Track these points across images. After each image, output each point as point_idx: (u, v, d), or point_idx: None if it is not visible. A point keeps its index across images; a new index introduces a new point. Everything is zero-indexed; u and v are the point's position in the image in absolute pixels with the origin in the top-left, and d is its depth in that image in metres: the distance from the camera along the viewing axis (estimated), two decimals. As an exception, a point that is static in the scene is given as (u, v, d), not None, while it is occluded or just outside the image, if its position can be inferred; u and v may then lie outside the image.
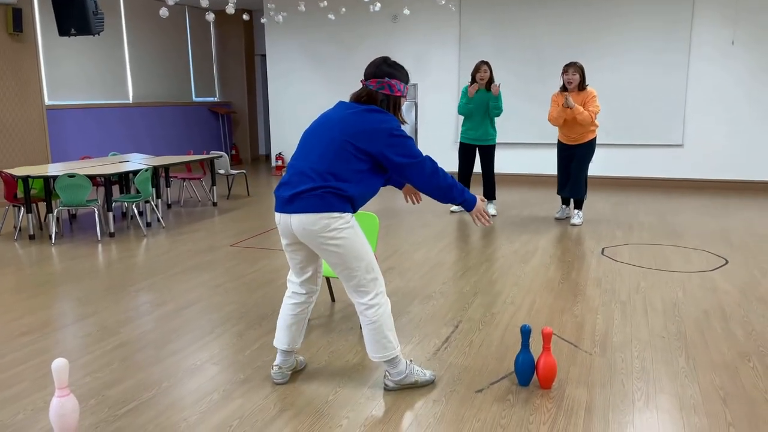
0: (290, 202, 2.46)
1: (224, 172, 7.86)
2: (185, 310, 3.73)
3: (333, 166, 2.44)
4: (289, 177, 2.51)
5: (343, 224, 2.44)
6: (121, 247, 5.37)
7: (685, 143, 8.46)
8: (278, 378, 2.75)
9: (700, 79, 8.26)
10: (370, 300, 2.53)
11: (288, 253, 2.66)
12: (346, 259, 2.47)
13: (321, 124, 2.57)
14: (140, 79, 10.24)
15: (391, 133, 2.47)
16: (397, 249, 5.20)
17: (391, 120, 2.51)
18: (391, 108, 2.59)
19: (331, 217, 2.42)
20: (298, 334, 2.75)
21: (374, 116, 2.49)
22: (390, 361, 2.60)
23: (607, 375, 2.82)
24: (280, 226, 2.58)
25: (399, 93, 2.60)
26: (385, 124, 2.48)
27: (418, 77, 9.56)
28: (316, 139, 2.52)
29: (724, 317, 3.55)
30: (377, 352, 2.57)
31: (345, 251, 2.46)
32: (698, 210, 6.82)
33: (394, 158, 2.48)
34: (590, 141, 6.04)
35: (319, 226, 2.42)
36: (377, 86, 2.56)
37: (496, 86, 6.25)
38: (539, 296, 3.94)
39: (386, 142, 2.46)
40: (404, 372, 2.64)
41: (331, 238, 2.44)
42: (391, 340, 2.57)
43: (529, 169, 9.24)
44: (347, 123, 2.48)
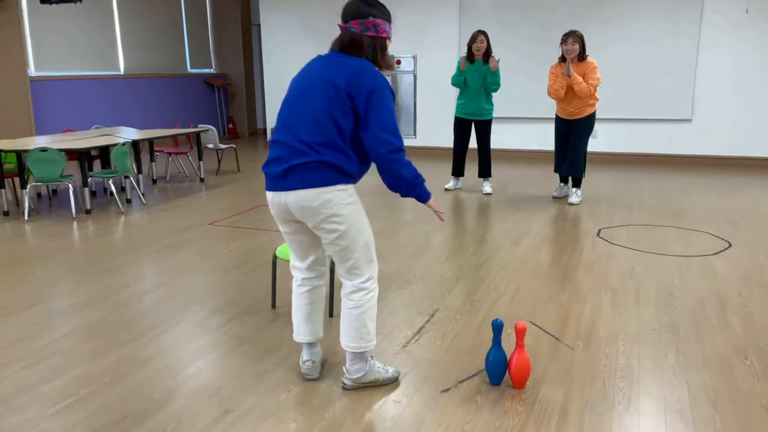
0: (284, 177, 2.23)
1: (213, 147, 7.62)
2: (148, 295, 3.52)
3: (326, 135, 2.19)
4: (279, 152, 2.25)
5: (346, 198, 2.24)
6: (96, 224, 5.17)
7: (693, 118, 8.09)
8: (312, 373, 2.51)
9: (712, 50, 7.85)
10: (362, 283, 2.35)
11: (287, 236, 2.43)
12: (345, 238, 2.27)
13: (304, 87, 2.27)
14: (132, 50, 9.95)
15: (382, 95, 2.20)
16: (383, 229, 4.95)
17: (384, 80, 2.24)
18: (378, 52, 2.31)
19: (334, 191, 2.21)
20: (320, 321, 2.53)
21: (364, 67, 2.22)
22: (359, 354, 2.40)
23: (588, 373, 2.59)
24: (273, 207, 2.33)
25: (384, 34, 2.32)
26: (378, 83, 2.21)
27: (417, 49, 9.20)
28: (301, 107, 2.24)
29: (722, 307, 3.29)
30: (353, 341, 2.37)
31: (346, 228, 2.26)
32: (704, 188, 6.50)
33: (373, 124, 2.19)
34: (590, 115, 5.72)
35: (320, 201, 2.20)
36: (361, 27, 2.27)
37: (495, 61, 5.92)
38: (525, 282, 3.70)
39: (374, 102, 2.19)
40: (364, 370, 2.43)
41: (333, 215, 2.22)
42: (370, 332, 2.38)
43: (527, 145, 8.91)
44: (334, 79, 2.20)
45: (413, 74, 9.29)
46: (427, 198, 2.36)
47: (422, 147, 9.43)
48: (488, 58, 6.00)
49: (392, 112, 2.23)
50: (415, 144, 9.48)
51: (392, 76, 9.37)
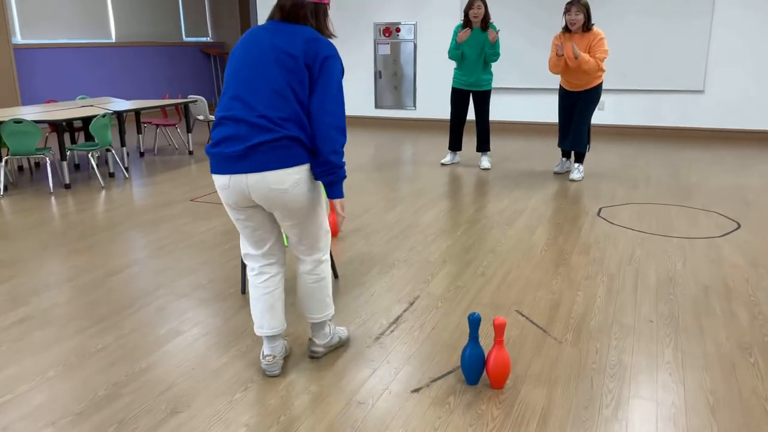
0: (244, 157, 2.01)
1: (203, 118, 7.36)
2: (113, 277, 3.32)
3: (288, 108, 2.02)
4: (234, 129, 2.02)
5: (310, 177, 2.13)
6: (74, 200, 4.96)
7: (706, 89, 7.71)
8: (273, 370, 2.32)
9: (726, 17, 7.42)
10: (323, 255, 2.35)
11: (240, 223, 2.21)
12: (309, 219, 2.19)
13: (253, 58, 2.06)
14: (124, 17, 9.63)
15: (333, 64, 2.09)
16: (371, 207, 4.71)
17: (335, 49, 2.12)
18: (321, 18, 2.17)
19: (302, 171, 2.07)
20: (282, 311, 2.34)
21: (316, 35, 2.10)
22: (323, 323, 2.43)
23: (575, 370, 2.36)
24: (228, 192, 2.09)
25: (326, 0, 2.18)
26: (332, 50, 2.10)
27: (417, 17, 8.82)
28: (255, 78, 2.03)
29: (727, 295, 3.04)
30: (320, 311, 2.39)
31: (311, 209, 2.17)
32: (715, 163, 6.19)
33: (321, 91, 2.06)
34: (595, 87, 5.39)
35: (290, 183, 2.05)
36: None
37: (494, 34, 5.57)
38: (515, 266, 3.46)
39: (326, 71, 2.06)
40: (329, 334, 2.47)
41: (300, 194, 2.09)
42: (331, 297, 2.43)
43: (529, 117, 8.57)
44: (288, 48, 2.03)
45: (413, 43, 8.92)
46: (339, 193, 2.15)
47: (422, 119, 9.12)
48: (487, 25, 5.66)
49: (341, 83, 2.12)
50: (414, 116, 9.17)
51: (392, 44, 9.01)
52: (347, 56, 9.27)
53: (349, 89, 9.43)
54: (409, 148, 7.29)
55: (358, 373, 2.35)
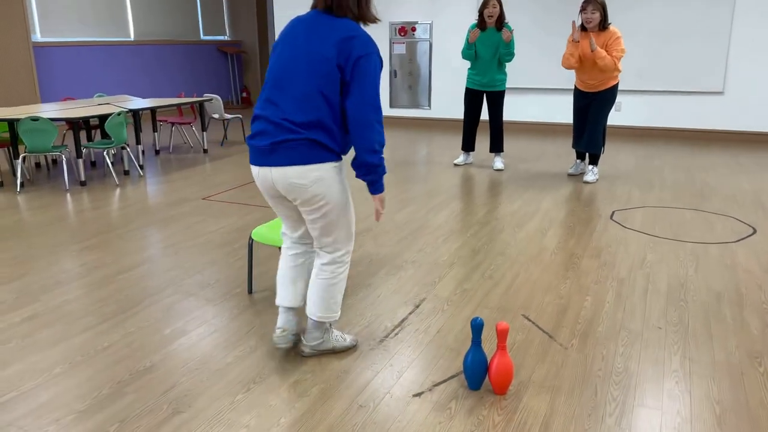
0: (271, 152, 2.13)
1: (218, 117, 7.40)
2: (122, 275, 3.35)
3: (314, 114, 2.08)
4: (264, 126, 2.14)
5: (335, 175, 2.18)
6: (89, 197, 5.02)
7: (726, 90, 7.58)
8: (282, 342, 2.41)
9: (748, 15, 7.29)
10: (340, 257, 2.34)
11: (275, 208, 2.37)
12: (331, 216, 2.22)
13: (289, 62, 2.12)
14: (142, 15, 9.73)
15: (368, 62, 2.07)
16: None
17: (373, 45, 2.10)
18: (363, 5, 2.15)
19: (323, 169, 2.13)
20: (302, 289, 2.46)
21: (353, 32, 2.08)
22: (320, 324, 2.41)
23: (580, 377, 2.33)
24: (259, 182, 2.25)
25: None
26: (368, 48, 2.08)
27: (433, 15, 8.78)
28: (288, 84, 2.11)
29: (739, 303, 2.99)
30: (321, 311, 2.37)
31: (333, 206, 2.20)
32: (733, 167, 6.08)
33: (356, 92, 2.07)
34: (611, 88, 5.32)
35: (310, 179, 2.12)
36: None
37: (509, 33, 5.52)
38: (524, 269, 3.43)
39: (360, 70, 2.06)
40: (321, 338, 2.44)
41: (322, 193, 2.15)
42: (338, 303, 2.40)
43: (544, 118, 8.49)
44: (322, 50, 2.06)
45: (429, 42, 8.89)
46: (379, 189, 2.23)
47: (437, 119, 9.09)
48: (501, 24, 5.62)
49: (376, 81, 2.10)
50: (429, 115, 9.14)
51: (407, 43, 8.99)
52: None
53: (364, 88, 9.42)
54: (423, 147, 7.27)
55: (360, 375, 2.34)
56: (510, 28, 5.58)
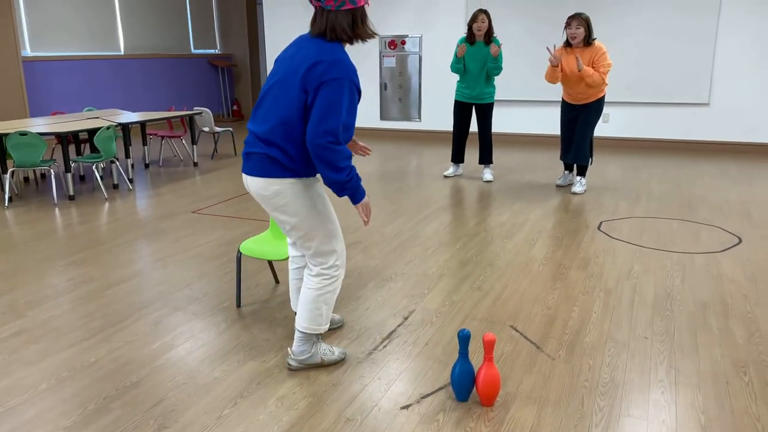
0: (246, 161, 2.28)
1: (209, 130, 7.41)
2: (109, 290, 3.34)
3: (275, 133, 2.17)
4: (247, 136, 2.31)
5: (295, 191, 2.23)
6: (77, 212, 5.00)
7: (711, 102, 7.68)
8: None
9: (732, 28, 7.40)
10: (323, 269, 2.37)
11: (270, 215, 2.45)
12: (299, 230, 2.29)
13: (275, 79, 2.22)
14: (132, 29, 9.75)
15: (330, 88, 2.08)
16: (372, 219, 4.72)
17: (343, 71, 2.10)
18: (359, 25, 2.18)
19: (283, 183, 2.22)
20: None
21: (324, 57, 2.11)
22: (306, 336, 2.42)
23: (567, 388, 2.34)
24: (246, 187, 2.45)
25: (362, 2, 2.17)
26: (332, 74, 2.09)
27: (422, 29, 8.86)
28: (266, 99, 2.22)
29: (724, 312, 3.01)
30: (305, 321, 2.39)
31: (298, 221, 2.27)
32: (719, 177, 6.15)
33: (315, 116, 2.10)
34: (598, 100, 5.38)
35: (270, 191, 2.23)
36: (336, 5, 2.12)
37: (497, 48, 5.58)
38: (513, 280, 3.44)
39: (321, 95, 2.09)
40: (309, 351, 2.45)
41: (283, 206, 2.24)
42: (323, 315, 2.40)
43: (532, 129, 8.56)
44: (298, 71, 2.13)
45: (419, 55, 8.96)
46: (358, 198, 2.26)
47: (427, 131, 9.14)
48: (490, 39, 5.68)
49: (337, 107, 2.09)
50: (419, 128, 9.19)
51: (397, 57, 9.06)
52: (352, 68, 9.31)
53: (355, 101, 9.47)
54: (413, 159, 7.30)
55: (348, 388, 2.34)
56: (498, 42, 5.64)
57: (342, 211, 4.88)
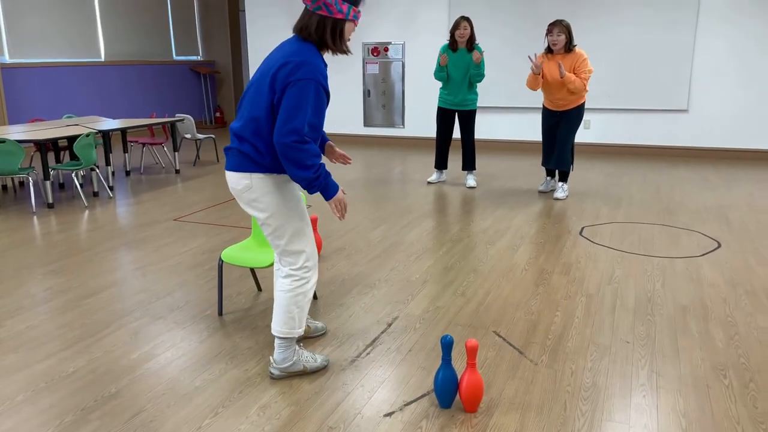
0: (226, 156, 2.35)
1: (191, 137, 7.36)
2: (88, 299, 3.29)
3: (246, 128, 2.24)
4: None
5: (264, 186, 2.27)
6: (57, 220, 4.93)
7: (690, 108, 7.79)
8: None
9: (710, 37, 7.53)
10: (293, 269, 2.38)
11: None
12: (269, 225, 2.33)
13: (254, 78, 2.28)
14: (113, 36, 9.67)
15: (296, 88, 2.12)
16: (356, 226, 4.71)
17: (309, 72, 2.14)
18: (328, 34, 2.23)
19: (253, 178, 2.27)
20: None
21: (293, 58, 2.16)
22: (285, 342, 2.41)
23: (550, 393, 2.35)
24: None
25: (340, 15, 2.21)
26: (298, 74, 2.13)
27: (405, 36, 8.90)
28: (245, 97, 2.29)
29: (704, 316, 3.04)
30: (278, 324, 2.39)
31: (268, 216, 2.31)
32: (698, 182, 6.23)
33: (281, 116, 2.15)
34: (578, 106, 5.44)
35: (241, 186, 2.29)
36: (313, 5, 2.22)
37: (479, 55, 5.62)
38: (496, 286, 3.45)
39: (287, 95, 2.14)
40: (291, 359, 2.43)
41: (253, 200, 2.29)
42: (295, 319, 2.39)
43: (515, 136, 8.62)
44: (270, 71, 2.19)
45: (402, 62, 8.99)
46: (329, 195, 2.30)
47: (411, 137, 9.16)
48: (472, 46, 5.72)
49: (302, 107, 2.13)
50: (403, 134, 9.21)
51: (381, 63, 9.08)
52: (336, 75, 9.33)
53: (338, 108, 9.48)
54: (397, 166, 7.31)
55: (331, 397, 2.33)
56: (480, 49, 5.67)
57: (325, 218, 4.87)
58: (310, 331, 2.81)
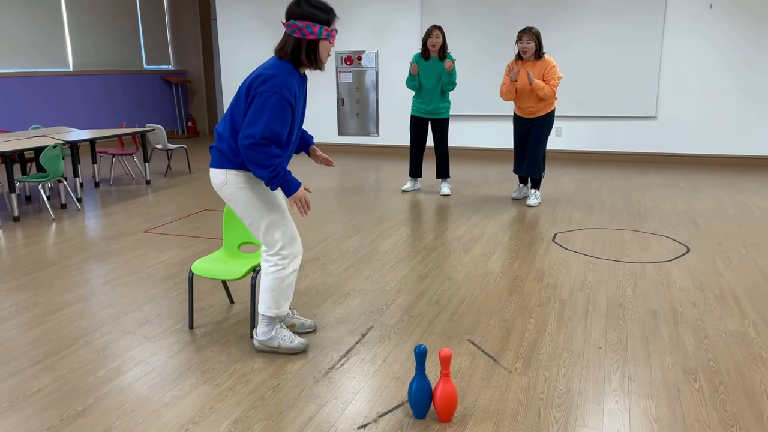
0: (210, 154, 2.59)
1: (162, 147, 7.26)
2: (55, 315, 3.20)
3: (225, 129, 2.50)
4: None
5: (237, 182, 2.51)
6: (23, 233, 4.81)
7: (658, 115, 7.95)
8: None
9: (676, 46, 7.71)
10: (269, 255, 2.62)
11: None
12: (246, 217, 2.57)
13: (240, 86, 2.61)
14: (82, 45, 9.51)
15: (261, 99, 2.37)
16: (330, 235, 4.68)
17: (275, 85, 2.37)
18: (303, 54, 2.48)
19: (228, 174, 2.51)
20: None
21: (264, 72, 2.41)
22: (266, 318, 2.68)
23: (523, 401, 2.35)
24: None
25: (312, 36, 2.46)
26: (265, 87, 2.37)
27: (378, 45, 8.92)
28: (233, 99, 2.54)
29: (674, 320, 3.09)
30: (261, 303, 2.67)
31: (242, 210, 2.55)
32: (667, 188, 6.35)
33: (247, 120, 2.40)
34: (548, 114, 5.50)
35: (218, 180, 2.54)
36: (288, 29, 2.47)
37: (450, 63, 5.65)
38: (470, 294, 3.46)
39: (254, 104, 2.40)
40: (268, 334, 2.70)
41: (230, 194, 2.53)
42: (270, 300, 2.63)
43: (488, 143, 8.69)
44: (249, 77, 2.46)
45: (375, 71, 9.01)
46: (289, 192, 2.48)
47: (385, 145, 9.17)
48: (444, 54, 5.75)
49: (262, 114, 2.35)
50: (377, 142, 9.22)
51: (354, 72, 9.08)
52: (309, 83, 9.30)
53: (312, 116, 9.46)
54: (372, 174, 7.30)
55: (304, 410, 2.30)
56: (452, 58, 5.71)
57: (302, 228, 4.83)
58: (296, 327, 2.93)
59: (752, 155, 7.71)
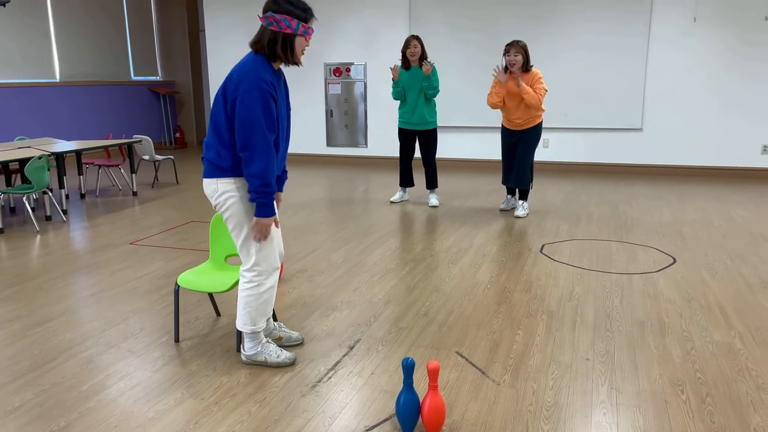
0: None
1: (149, 158, 7.22)
2: (38, 328, 3.15)
3: (211, 137, 2.49)
4: None
5: (227, 190, 2.49)
6: (6, 245, 4.74)
7: (644, 127, 8.03)
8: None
9: (661, 59, 7.81)
10: (244, 270, 2.61)
11: None
12: (229, 222, 2.56)
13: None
14: (69, 56, 9.46)
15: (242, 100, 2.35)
16: (318, 247, 4.66)
17: (251, 82, 2.34)
18: (279, 47, 2.44)
19: (219, 183, 2.50)
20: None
21: (240, 70, 2.39)
22: (249, 334, 2.67)
23: (511, 414, 2.34)
24: None
25: (289, 30, 2.42)
26: (242, 87, 2.34)
27: (366, 56, 8.96)
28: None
29: (661, 331, 3.10)
30: (237, 319, 2.67)
31: (228, 217, 2.55)
32: (653, 199, 6.40)
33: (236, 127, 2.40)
34: (536, 126, 5.53)
35: (210, 189, 2.54)
36: (265, 22, 2.44)
37: (428, 66, 5.65)
38: (458, 305, 3.45)
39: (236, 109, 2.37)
40: (255, 349, 2.69)
41: (219, 203, 2.53)
42: (246, 317, 2.62)
43: (477, 155, 8.74)
44: (222, 86, 2.45)
45: (363, 82, 9.04)
46: (261, 214, 2.46)
47: (374, 156, 9.18)
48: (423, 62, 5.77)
49: (252, 116, 2.33)
50: (366, 153, 9.23)
51: (343, 84, 9.11)
52: (298, 94, 9.32)
53: (301, 127, 9.46)
54: (360, 185, 7.30)
55: (291, 425, 2.27)
56: (430, 62, 5.70)
57: (286, 241, 4.81)
58: (283, 340, 2.90)
59: (737, 167, 7.80)
